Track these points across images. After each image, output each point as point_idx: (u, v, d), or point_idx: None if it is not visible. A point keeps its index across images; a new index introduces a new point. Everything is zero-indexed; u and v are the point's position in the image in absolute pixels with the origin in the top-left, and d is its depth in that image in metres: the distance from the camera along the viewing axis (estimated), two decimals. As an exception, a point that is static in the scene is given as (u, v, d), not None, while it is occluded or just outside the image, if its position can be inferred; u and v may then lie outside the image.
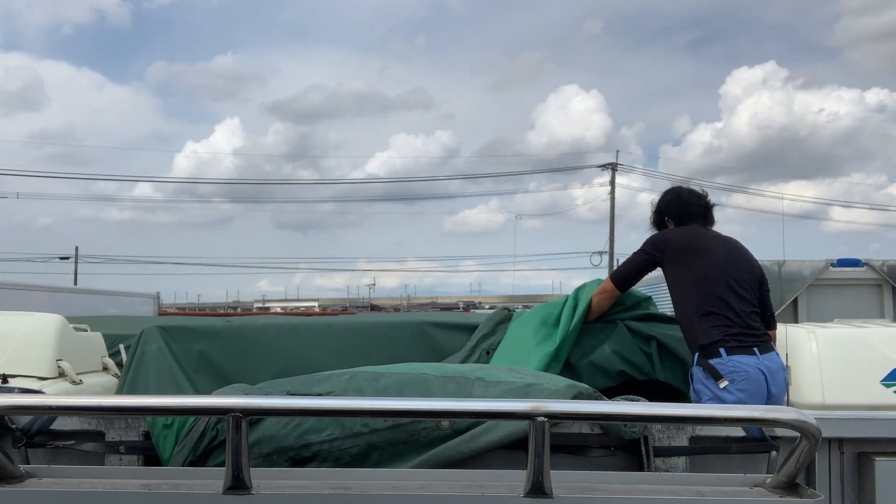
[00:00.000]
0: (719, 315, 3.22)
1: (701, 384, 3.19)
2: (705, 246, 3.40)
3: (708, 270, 3.31)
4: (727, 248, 3.45)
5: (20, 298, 11.01)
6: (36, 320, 5.12)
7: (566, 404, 1.88)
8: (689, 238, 3.44)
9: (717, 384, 3.14)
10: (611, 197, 32.09)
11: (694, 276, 3.32)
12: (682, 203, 3.66)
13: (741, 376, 3.13)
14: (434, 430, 2.14)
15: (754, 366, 3.18)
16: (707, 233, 3.52)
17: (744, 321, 3.26)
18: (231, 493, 1.65)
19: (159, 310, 16.74)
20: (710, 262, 3.34)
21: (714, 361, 3.15)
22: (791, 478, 1.71)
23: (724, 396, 3.11)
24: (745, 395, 3.12)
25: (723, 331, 3.19)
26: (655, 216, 3.74)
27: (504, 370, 2.53)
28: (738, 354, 3.17)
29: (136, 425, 2.29)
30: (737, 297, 3.29)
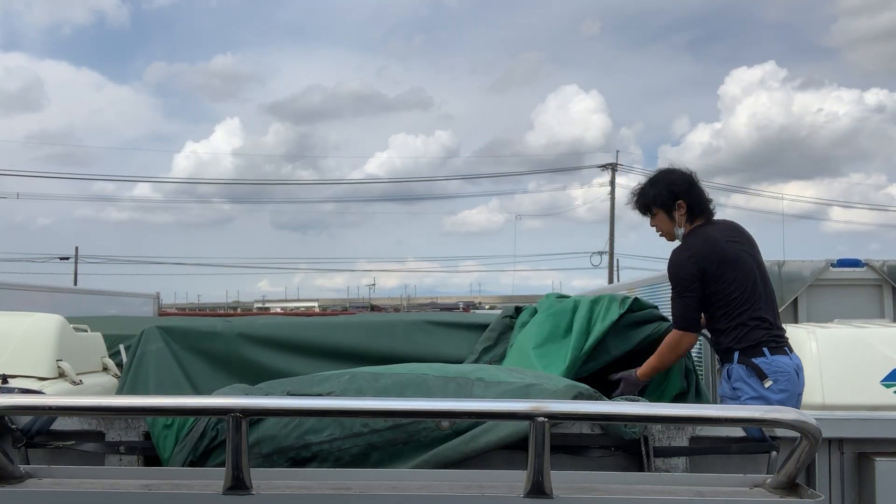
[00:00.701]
0: (762, 318, 3.22)
1: (743, 382, 3.17)
2: (735, 253, 3.26)
3: (747, 279, 3.23)
4: (748, 246, 3.35)
5: (20, 298, 11.01)
6: (36, 320, 5.13)
7: (566, 405, 1.88)
8: (717, 251, 3.24)
9: (763, 383, 3.13)
10: (611, 197, 32.10)
11: (735, 287, 3.21)
12: (700, 192, 3.40)
13: (784, 376, 3.14)
14: (434, 430, 2.14)
15: (792, 366, 3.19)
16: (726, 236, 3.32)
17: (778, 321, 3.29)
18: (231, 493, 1.65)
19: (159, 310, 16.74)
20: (745, 270, 3.24)
21: (758, 361, 3.15)
22: (791, 478, 1.71)
23: (769, 396, 3.11)
24: (786, 395, 3.13)
25: (765, 332, 3.19)
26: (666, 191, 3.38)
27: (504, 370, 2.53)
28: (779, 355, 3.17)
29: (136, 425, 2.29)
30: (769, 299, 3.29)
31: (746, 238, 3.40)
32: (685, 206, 3.35)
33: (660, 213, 3.41)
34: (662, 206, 3.39)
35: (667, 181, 3.40)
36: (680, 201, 3.35)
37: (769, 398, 3.10)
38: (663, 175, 3.46)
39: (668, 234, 3.47)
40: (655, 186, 3.42)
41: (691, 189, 3.38)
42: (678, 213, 3.36)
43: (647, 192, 3.45)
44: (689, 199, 3.36)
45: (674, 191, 3.36)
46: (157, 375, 3.25)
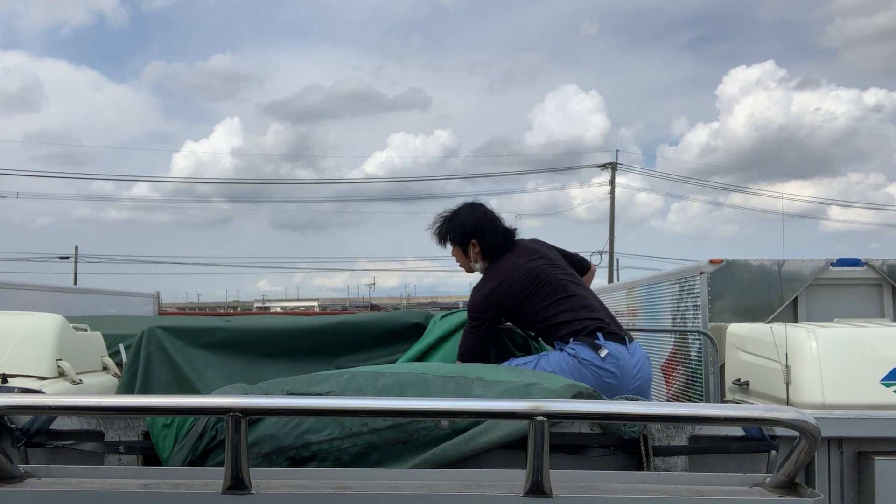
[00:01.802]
0: (594, 316, 3.25)
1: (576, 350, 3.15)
2: (540, 270, 3.30)
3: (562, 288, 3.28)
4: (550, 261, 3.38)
5: (20, 298, 11.01)
6: (36, 320, 5.12)
7: (566, 404, 1.88)
8: (518, 279, 3.27)
9: (598, 353, 3.15)
10: (611, 196, 32.10)
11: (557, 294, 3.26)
12: (497, 232, 3.39)
13: (613, 359, 3.15)
14: (434, 429, 2.14)
15: (625, 354, 3.21)
16: (525, 259, 3.34)
17: (612, 321, 3.32)
18: (230, 492, 1.65)
19: (159, 310, 16.74)
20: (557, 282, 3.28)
21: (595, 340, 3.18)
22: (790, 477, 1.71)
23: (602, 365, 3.12)
24: (618, 373, 3.14)
25: (597, 323, 3.23)
26: (461, 228, 3.41)
27: (504, 370, 2.53)
28: (613, 342, 3.20)
29: (135, 425, 2.29)
30: (596, 301, 3.35)
31: (546, 253, 3.43)
32: (478, 247, 3.39)
33: (455, 247, 3.46)
34: (457, 242, 3.45)
35: (461, 221, 3.42)
36: (473, 241, 3.39)
37: (602, 366, 3.12)
38: (461, 212, 3.47)
39: (465, 267, 3.54)
40: (451, 223, 3.46)
41: (485, 231, 3.39)
42: (473, 251, 3.42)
43: (443, 226, 3.50)
44: (483, 240, 3.38)
45: (467, 232, 3.40)
46: (158, 375, 3.25)
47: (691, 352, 7.75)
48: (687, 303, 7.97)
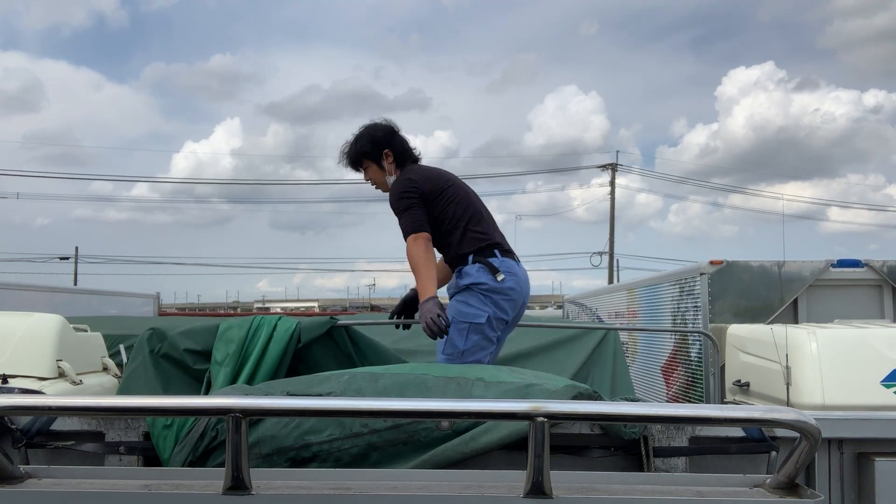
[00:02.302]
0: (490, 233, 3.47)
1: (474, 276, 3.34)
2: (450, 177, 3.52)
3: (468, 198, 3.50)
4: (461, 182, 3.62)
5: (20, 298, 11.02)
6: (36, 320, 5.12)
7: (566, 405, 1.88)
8: (433, 175, 3.49)
9: (495, 277, 3.34)
10: (611, 197, 32.10)
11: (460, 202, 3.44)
12: (403, 140, 3.61)
13: (513, 278, 3.38)
14: (434, 430, 2.14)
15: (520, 270, 3.46)
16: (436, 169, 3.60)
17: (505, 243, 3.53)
18: (231, 493, 1.65)
19: (159, 310, 16.75)
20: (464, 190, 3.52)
21: (491, 259, 3.37)
22: (791, 478, 1.71)
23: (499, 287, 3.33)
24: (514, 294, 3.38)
25: (494, 242, 3.45)
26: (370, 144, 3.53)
27: (504, 370, 2.53)
28: (508, 258, 3.43)
29: (135, 426, 2.29)
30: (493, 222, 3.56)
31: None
32: (392, 155, 3.53)
33: (370, 165, 3.57)
34: (371, 158, 3.55)
35: (368, 135, 3.55)
36: (386, 150, 3.52)
37: (498, 289, 3.32)
38: (365, 130, 3.59)
39: (383, 185, 3.62)
40: (359, 141, 3.57)
41: (394, 138, 3.55)
42: (387, 163, 3.54)
43: (353, 148, 3.59)
44: (394, 147, 3.54)
45: (378, 142, 3.52)
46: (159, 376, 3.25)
47: (691, 353, 7.75)
48: (687, 304, 7.97)
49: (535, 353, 4.68)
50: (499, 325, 3.39)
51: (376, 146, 3.52)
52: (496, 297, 3.33)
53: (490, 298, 3.33)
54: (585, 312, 12.77)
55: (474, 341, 3.33)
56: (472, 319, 3.30)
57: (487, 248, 3.39)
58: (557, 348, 4.80)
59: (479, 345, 3.34)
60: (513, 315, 3.46)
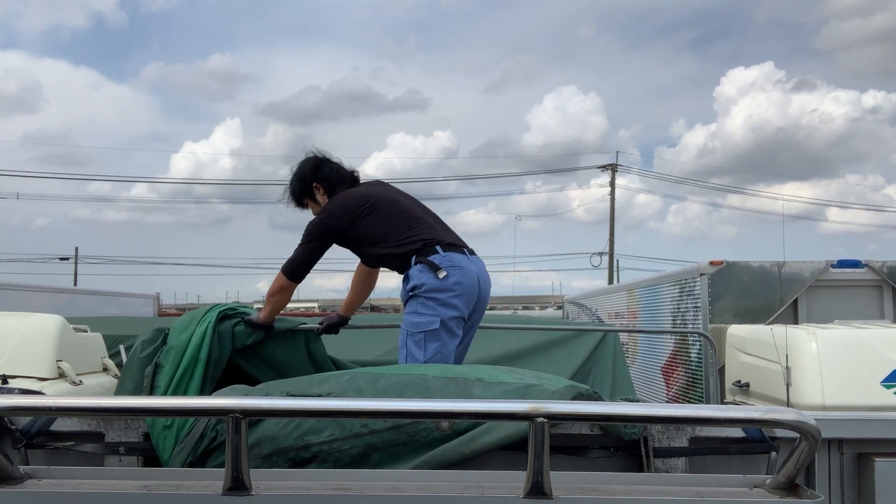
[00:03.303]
0: (433, 233, 3.41)
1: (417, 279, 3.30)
2: (365, 193, 3.50)
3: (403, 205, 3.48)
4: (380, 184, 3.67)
5: (20, 299, 11.01)
6: (36, 321, 5.12)
7: (566, 405, 1.88)
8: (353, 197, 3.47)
9: (437, 274, 3.28)
10: (611, 197, 32.09)
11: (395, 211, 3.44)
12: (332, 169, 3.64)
13: (457, 271, 3.30)
14: (434, 430, 2.14)
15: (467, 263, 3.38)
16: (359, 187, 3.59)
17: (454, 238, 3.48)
18: (231, 494, 1.65)
19: (159, 310, 16.73)
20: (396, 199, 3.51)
21: (432, 257, 3.32)
22: (791, 479, 1.71)
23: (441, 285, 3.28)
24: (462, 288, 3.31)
25: (437, 238, 3.38)
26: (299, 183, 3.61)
27: (504, 371, 2.53)
28: (454, 252, 3.36)
29: (135, 426, 2.29)
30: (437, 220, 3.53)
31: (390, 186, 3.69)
32: (322, 187, 3.60)
33: (308, 202, 3.66)
34: (307, 196, 3.64)
35: (297, 175, 3.65)
36: (315, 184, 3.60)
37: (441, 287, 3.26)
38: (295, 171, 3.69)
39: None
40: (291, 185, 3.68)
41: (320, 170, 3.62)
42: (319, 195, 3.61)
43: (287, 189, 3.71)
44: (321, 179, 3.61)
45: (305, 179, 3.62)
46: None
47: (691, 353, 7.75)
48: (687, 304, 7.97)
49: (535, 353, 4.69)
50: (456, 324, 3.31)
51: (305, 184, 3.61)
52: (443, 296, 3.26)
53: (436, 300, 3.27)
54: (585, 313, 12.77)
55: (434, 349, 3.27)
56: (425, 328, 3.24)
57: (427, 247, 3.33)
58: (557, 348, 4.81)
59: (441, 351, 3.29)
60: (469, 310, 3.37)
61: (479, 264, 3.45)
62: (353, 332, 4.19)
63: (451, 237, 3.47)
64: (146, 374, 2.92)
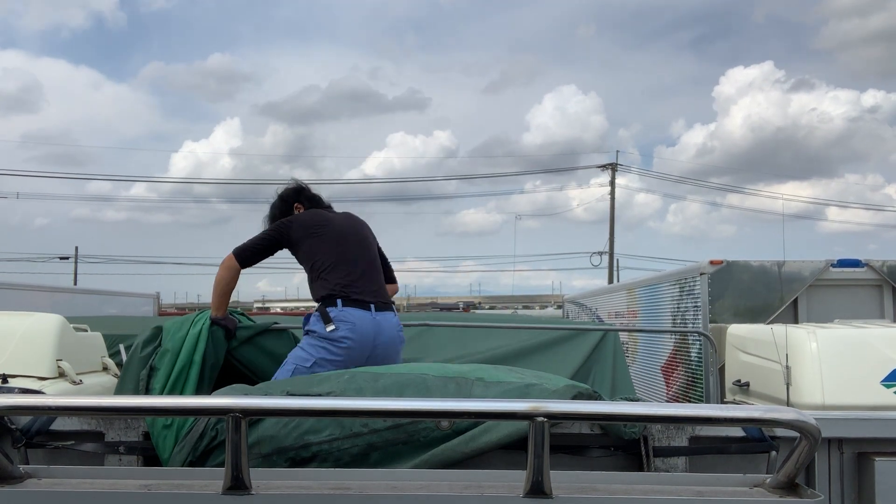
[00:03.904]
0: (349, 280, 3.48)
1: (311, 326, 3.41)
2: (328, 218, 3.66)
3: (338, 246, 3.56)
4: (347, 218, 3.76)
5: (20, 298, 11.00)
6: (36, 320, 5.12)
7: (566, 404, 1.88)
8: (312, 218, 3.65)
9: (326, 327, 3.38)
10: (611, 197, 32.09)
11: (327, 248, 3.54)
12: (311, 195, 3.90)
13: (348, 326, 3.37)
14: (434, 430, 2.14)
15: (366, 318, 3.42)
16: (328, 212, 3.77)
17: (374, 287, 3.55)
18: (231, 493, 1.65)
19: (159, 310, 16.72)
20: (339, 238, 3.58)
21: (329, 309, 3.41)
22: (791, 478, 1.71)
23: (328, 336, 3.36)
24: (349, 343, 3.37)
25: (345, 288, 3.45)
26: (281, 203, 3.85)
27: (504, 370, 2.53)
28: (353, 307, 3.42)
29: (135, 426, 2.29)
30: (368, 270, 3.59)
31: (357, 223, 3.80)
32: (303, 207, 3.84)
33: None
34: (287, 215, 3.80)
35: (279, 198, 3.90)
36: (297, 204, 3.85)
37: (328, 337, 3.35)
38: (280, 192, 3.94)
39: None
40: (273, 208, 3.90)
41: (301, 193, 3.89)
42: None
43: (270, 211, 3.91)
44: (303, 200, 3.86)
45: (288, 199, 3.88)
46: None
47: (691, 352, 7.75)
48: (687, 303, 7.97)
49: (535, 353, 4.69)
50: (331, 368, 3.29)
51: (287, 203, 3.85)
52: (328, 345, 3.35)
53: (321, 347, 3.36)
54: (585, 312, 12.77)
55: None
56: (298, 363, 3.32)
57: (331, 297, 3.43)
58: (557, 348, 4.80)
59: None
60: (353, 362, 3.33)
61: (382, 321, 3.46)
62: None
63: (363, 292, 3.47)
64: (141, 378, 2.94)
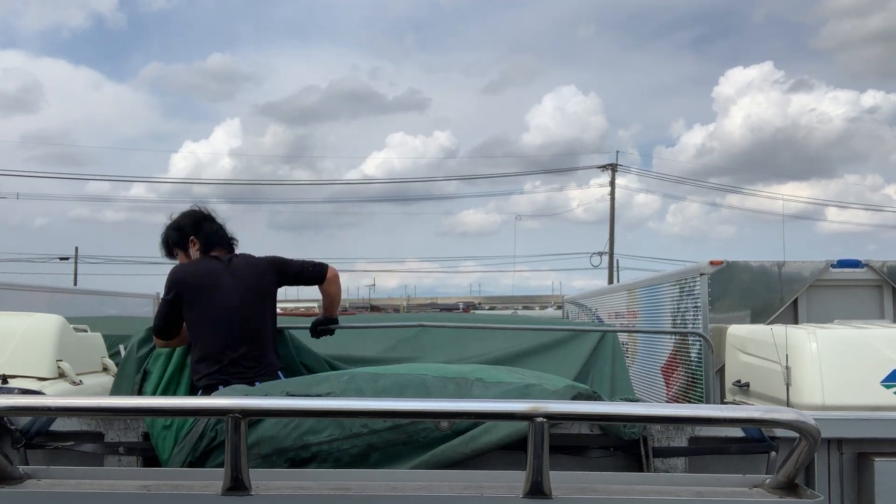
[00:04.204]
0: (213, 359, 3.07)
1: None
2: (214, 284, 3.19)
3: (220, 314, 3.14)
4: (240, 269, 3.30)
5: (20, 299, 11.00)
6: (36, 321, 5.12)
7: (565, 405, 1.88)
8: (201, 275, 3.23)
9: None
10: (611, 197, 32.09)
11: (205, 319, 3.14)
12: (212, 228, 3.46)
13: None
14: (433, 430, 2.14)
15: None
16: (220, 266, 3.28)
17: (239, 363, 3.10)
18: (230, 494, 1.65)
19: (159, 310, 16.68)
20: (222, 304, 3.15)
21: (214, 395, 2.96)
22: (790, 478, 1.71)
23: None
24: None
25: (220, 371, 3.04)
26: (176, 233, 3.44)
27: (503, 371, 2.53)
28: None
29: (135, 426, 2.29)
30: (237, 339, 3.13)
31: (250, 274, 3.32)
32: (198, 243, 3.43)
33: (180, 252, 3.49)
34: (179, 246, 3.47)
35: (176, 224, 3.50)
36: (192, 238, 3.44)
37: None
38: (177, 218, 3.53)
39: None
40: (167, 231, 3.51)
41: (201, 226, 3.46)
42: (193, 250, 3.43)
43: (164, 235, 3.53)
44: (200, 235, 3.43)
45: (183, 229, 3.46)
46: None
47: (691, 353, 7.75)
48: (687, 304, 7.97)
49: (535, 353, 4.68)
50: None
51: (182, 234, 3.46)
52: None
53: None
54: (585, 313, 12.77)
55: None
56: None
57: (209, 388, 2.99)
58: (557, 348, 4.79)
59: None
60: None
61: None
62: (352, 332, 4.20)
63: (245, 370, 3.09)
64: (136, 382, 2.94)
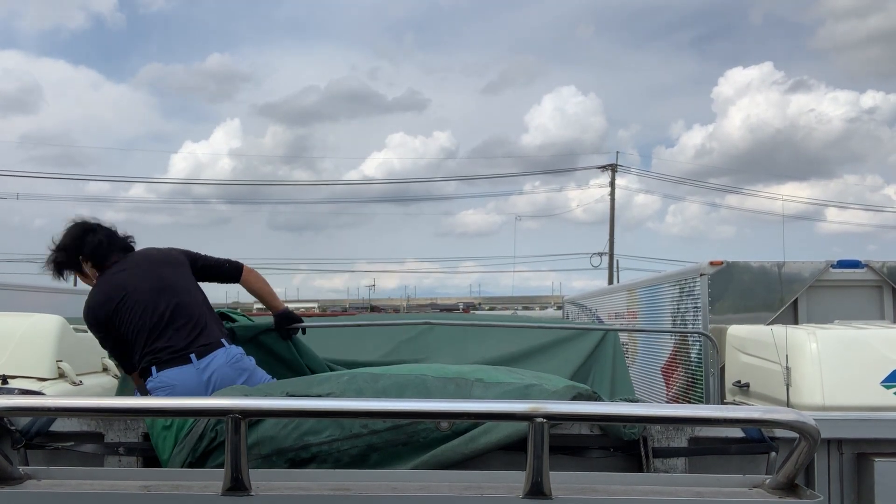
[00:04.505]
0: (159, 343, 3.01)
1: None
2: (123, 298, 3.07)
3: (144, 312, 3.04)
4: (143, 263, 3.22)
5: (20, 299, 10.99)
6: (36, 321, 5.12)
7: (565, 405, 1.88)
8: (104, 302, 3.09)
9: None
10: (611, 198, 32.09)
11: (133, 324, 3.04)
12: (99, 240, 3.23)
13: (166, 390, 2.92)
14: (433, 431, 2.14)
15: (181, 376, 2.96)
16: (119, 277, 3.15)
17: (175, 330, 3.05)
18: (230, 494, 1.65)
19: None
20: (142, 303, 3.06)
21: (147, 380, 2.99)
22: (790, 479, 1.71)
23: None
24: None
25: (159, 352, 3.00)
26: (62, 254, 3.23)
27: (503, 371, 2.53)
28: (169, 368, 2.97)
29: (135, 427, 2.29)
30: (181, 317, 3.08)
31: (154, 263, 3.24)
32: (89, 259, 3.23)
33: (76, 273, 3.33)
34: (70, 267, 3.29)
35: (61, 246, 3.27)
36: (82, 256, 3.23)
37: None
38: (60, 240, 3.30)
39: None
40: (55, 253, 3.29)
41: (84, 241, 3.23)
42: (87, 268, 3.25)
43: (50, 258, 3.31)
44: (86, 251, 3.22)
45: (69, 250, 3.25)
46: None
47: (691, 353, 7.75)
48: (687, 304, 7.97)
49: (535, 354, 4.68)
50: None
51: (69, 255, 3.25)
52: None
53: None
54: (585, 313, 12.77)
55: None
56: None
57: (146, 370, 3.01)
58: (557, 348, 4.79)
59: None
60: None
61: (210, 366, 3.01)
62: (352, 332, 4.20)
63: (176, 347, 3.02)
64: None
